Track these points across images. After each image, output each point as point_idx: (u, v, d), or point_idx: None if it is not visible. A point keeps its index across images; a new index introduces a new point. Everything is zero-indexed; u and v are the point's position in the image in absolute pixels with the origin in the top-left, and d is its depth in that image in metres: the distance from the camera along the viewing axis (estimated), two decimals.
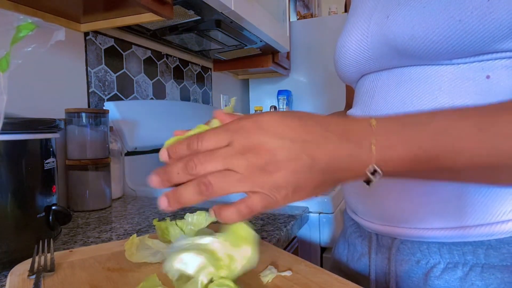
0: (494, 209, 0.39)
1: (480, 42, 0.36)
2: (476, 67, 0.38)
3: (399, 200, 0.44)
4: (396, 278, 0.45)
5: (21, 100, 0.84)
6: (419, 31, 0.38)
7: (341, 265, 0.57)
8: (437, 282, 0.42)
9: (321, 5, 3.04)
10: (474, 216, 0.39)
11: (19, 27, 0.43)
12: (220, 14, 1.05)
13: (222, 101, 1.90)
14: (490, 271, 0.39)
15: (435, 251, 0.42)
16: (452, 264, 0.41)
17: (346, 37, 0.50)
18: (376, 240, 0.49)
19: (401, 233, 0.45)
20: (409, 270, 0.44)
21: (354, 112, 0.52)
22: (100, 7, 0.88)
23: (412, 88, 0.42)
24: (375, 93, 0.47)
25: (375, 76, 0.48)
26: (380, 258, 0.48)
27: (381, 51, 0.44)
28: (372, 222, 0.48)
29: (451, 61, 0.39)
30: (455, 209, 0.40)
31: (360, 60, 0.48)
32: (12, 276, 0.40)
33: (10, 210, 0.48)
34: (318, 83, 2.07)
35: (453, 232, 0.40)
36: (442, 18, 0.36)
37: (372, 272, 0.49)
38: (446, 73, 0.40)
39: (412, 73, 0.43)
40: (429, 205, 0.42)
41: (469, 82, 0.39)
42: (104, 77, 1.10)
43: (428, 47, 0.38)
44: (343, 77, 0.55)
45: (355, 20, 0.49)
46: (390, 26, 0.41)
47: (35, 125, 0.51)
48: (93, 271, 0.41)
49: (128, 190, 1.05)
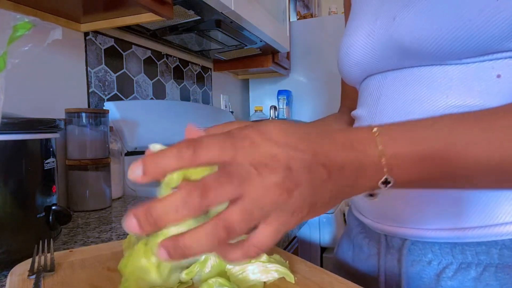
0: (507, 208, 0.38)
1: (489, 41, 0.35)
2: (486, 66, 0.38)
3: (408, 201, 0.43)
4: (407, 280, 0.45)
5: (21, 100, 0.84)
6: (427, 32, 0.38)
7: (345, 265, 0.56)
8: (450, 283, 0.41)
9: (321, 5, 3.04)
10: (487, 215, 0.39)
11: (15, 27, 0.43)
12: (220, 14, 1.05)
13: (222, 101, 1.90)
14: (505, 270, 0.38)
15: (447, 252, 0.42)
16: (465, 265, 0.40)
17: (351, 38, 0.49)
18: (385, 241, 0.48)
19: (412, 234, 0.44)
20: (420, 271, 0.44)
21: (360, 112, 0.51)
22: (100, 7, 0.88)
23: (421, 89, 0.42)
24: (381, 94, 0.46)
25: (381, 76, 0.47)
26: (390, 259, 0.47)
27: (388, 52, 0.44)
28: (381, 223, 0.48)
29: (460, 61, 0.39)
30: (468, 209, 0.39)
31: (366, 61, 0.48)
32: (12, 276, 0.40)
33: (10, 210, 0.48)
34: (318, 83, 2.07)
35: (466, 233, 0.40)
36: (450, 19, 0.36)
37: (382, 273, 0.48)
38: (455, 73, 0.39)
39: (420, 74, 0.42)
40: (440, 205, 0.41)
41: (479, 81, 0.38)
42: (104, 77, 1.10)
43: (437, 47, 0.38)
44: (347, 78, 0.54)
45: (360, 20, 0.48)
46: (397, 28, 0.41)
47: (35, 125, 0.51)
48: (93, 271, 0.41)
49: (128, 190, 1.05)
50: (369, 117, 0.48)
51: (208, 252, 0.26)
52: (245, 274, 0.37)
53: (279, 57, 1.79)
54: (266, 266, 0.38)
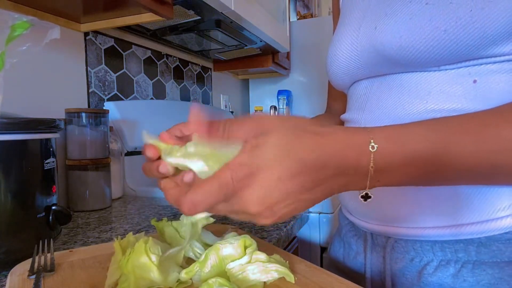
0: (485, 208, 0.40)
1: (465, 50, 0.37)
2: (463, 72, 0.40)
3: (393, 201, 0.45)
4: (391, 276, 0.47)
5: (21, 100, 0.84)
6: (406, 41, 0.40)
7: (337, 263, 0.58)
8: (430, 279, 0.43)
9: (321, 5, 3.04)
10: (466, 215, 0.41)
11: (13, 26, 0.43)
12: (220, 14, 1.05)
13: (222, 101, 1.90)
14: (481, 267, 0.40)
15: (428, 249, 0.44)
16: (445, 262, 0.42)
17: (336, 46, 0.51)
18: (371, 239, 0.50)
19: (396, 232, 0.46)
20: (403, 268, 0.45)
21: (349, 116, 0.53)
22: (100, 7, 0.88)
23: (403, 93, 0.44)
24: (368, 98, 0.49)
25: (367, 82, 0.50)
26: (376, 256, 0.49)
27: (371, 59, 0.46)
28: (367, 222, 0.50)
29: (439, 68, 0.41)
30: (448, 208, 0.41)
31: (351, 68, 0.50)
32: (12, 276, 0.40)
33: (10, 210, 0.48)
34: (318, 83, 2.07)
35: (446, 231, 0.42)
36: (427, 29, 0.38)
37: (368, 271, 0.50)
38: (435, 79, 0.42)
39: (402, 80, 0.44)
40: (423, 205, 0.43)
41: (457, 86, 0.40)
42: (104, 77, 1.10)
43: (416, 56, 0.40)
44: (335, 84, 0.57)
45: (344, 29, 0.50)
46: (378, 37, 0.43)
47: (35, 125, 0.51)
48: (93, 271, 0.41)
49: (128, 190, 1.05)
50: (357, 121, 0.50)
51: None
52: (245, 274, 0.37)
53: (279, 57, 1.79)
54: (266, 266, 0.38)
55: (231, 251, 0.39)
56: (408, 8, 0.40)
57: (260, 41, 1.41)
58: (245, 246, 0.40)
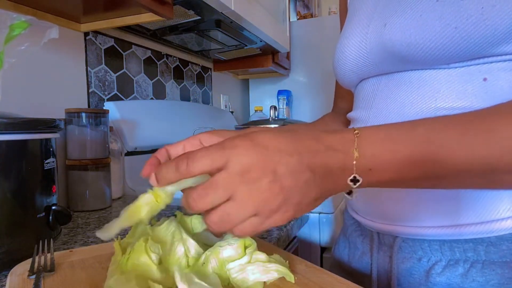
0: (493, 207, 0.40)
1: (475, 47, 0.37)
2: (473, 70, 0.39)
3: (400, 199, 0.44)
4: (397, 276, 0.46)
5: (21, 100, 0.84)
6: (416, 38, 0.39)
7: (342, 263, 0.57)
8: (438, 279, 0.42)
9: (321, 5, 3.04)
10: (474, 214, 0.40)
11: (12, 26, 0.43)
12: (220, 14, 1.05)
13: (222, 101, 1.89)
14: (490, 267, 0.40)
15: (436, 249, 0.43)
16: (454, 261, 0.42)
17: (344, 43, 0.51)
18: (377, 238, 0.50)
19: (403, 231, 0.45)
20: (410, 267, 0.45)
21: (355, 114, 0.53)
22: (100, 7, 0.88)
23: (412, 91, 0.43)
24: (376, 96, 0.48)
25: (375, 80, 0.49)
26: (382, 256, 0.49)
27: (380, 57, 0.45)
28: (374, 221, 0.49)
29: (449, 66, 0.40)
30: (456, 207, 0.41)
31: (360, 65, 0.49)
32: (12, 276, 0.40)
33: (10, 210, 0.48)
34: (318, 83, 2.07)
35: (454, 230, 0.41)
36: (438, 26, 0.38)
37: (374, 271, 0.49)
38: (444, 77, 0.41)
39: (411, 77, 0.44)
40: (429, 204, 0.42)
41: (467, 84, 0.40)
42: (104, 77, 1.10)
43: (426, 53, 0.39)
44: (342, 82, 0.56)
45: (353, 27, 0.50)
46: (387, 34, 0.43)
47: (35, 125, 0.51)
48: (93, 271, 0.41)
49: (128, 190, 1.05)
50: (364, 119, 0.50)
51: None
52: (245, 274, 0.37)
53: (279, 57, 1.79)
54: (266, 266, 0.38)
55: (231, 252, 0.39)
56: (418, 6, 0.40)
57: (260, 41, 1.41)
58: (245, 246, 0.40)
